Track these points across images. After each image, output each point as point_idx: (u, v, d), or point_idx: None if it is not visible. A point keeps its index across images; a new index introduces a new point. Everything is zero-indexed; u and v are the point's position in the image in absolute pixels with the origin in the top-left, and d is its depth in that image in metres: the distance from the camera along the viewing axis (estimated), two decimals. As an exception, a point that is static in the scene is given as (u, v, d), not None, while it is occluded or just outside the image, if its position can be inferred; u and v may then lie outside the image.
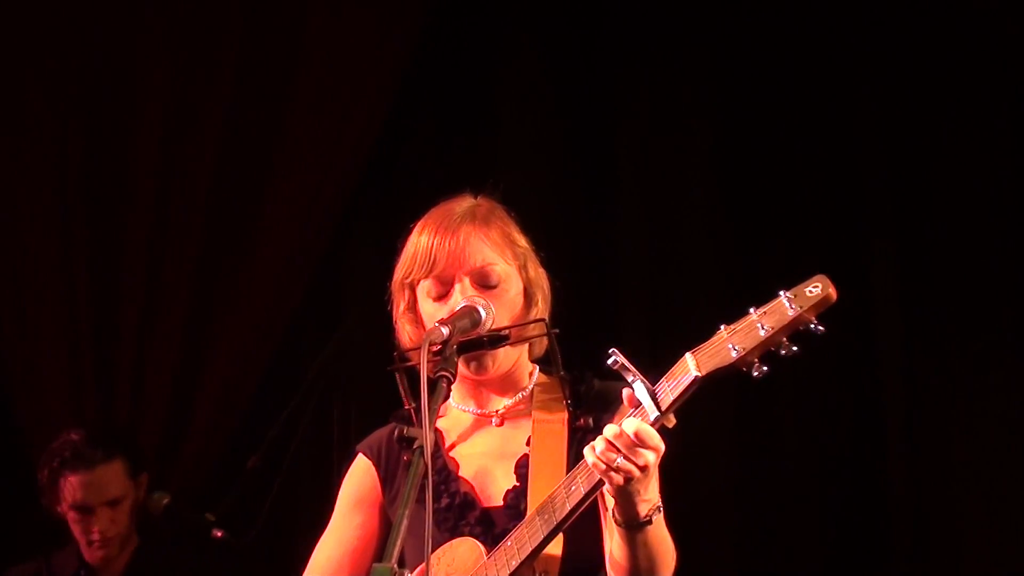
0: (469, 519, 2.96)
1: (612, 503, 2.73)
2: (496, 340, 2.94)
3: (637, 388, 2.63)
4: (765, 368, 2.56)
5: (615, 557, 2.77)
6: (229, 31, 5.31)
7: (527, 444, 2.98)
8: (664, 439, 2.64)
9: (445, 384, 2.78)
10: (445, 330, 2.83)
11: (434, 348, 2.81)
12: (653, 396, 2.62)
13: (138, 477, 4.94)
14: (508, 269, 3.00)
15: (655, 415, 2.62)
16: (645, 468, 2.62)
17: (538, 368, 3.09)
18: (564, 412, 2.99)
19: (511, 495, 2.95)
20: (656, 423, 2.62)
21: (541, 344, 3.06)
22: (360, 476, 3.11)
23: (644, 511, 2.68)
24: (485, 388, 3.05)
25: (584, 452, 2.68)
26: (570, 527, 2.77)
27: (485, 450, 3.03)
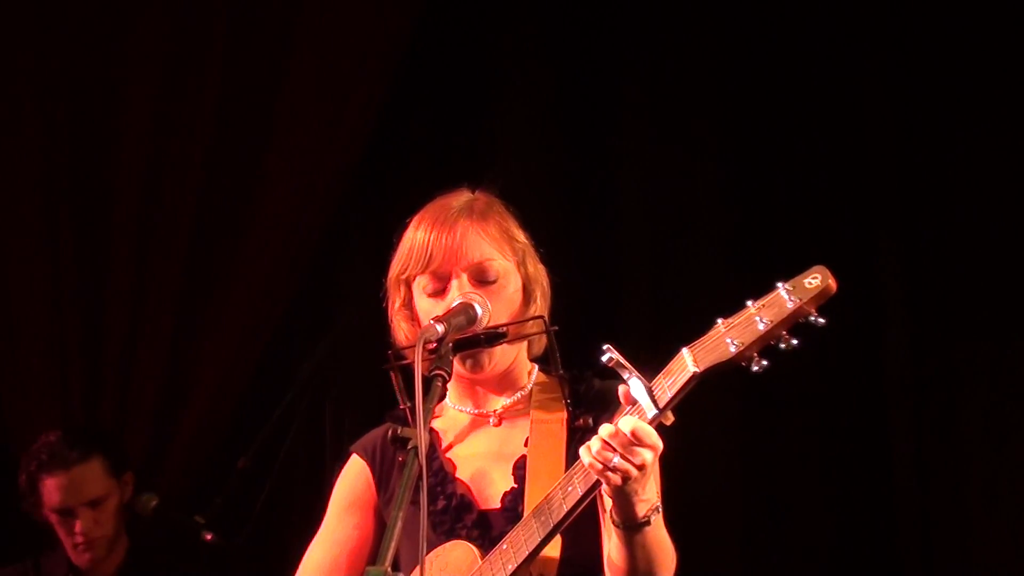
0: (466, 522, 2.96)
1: (610, 504, 2.73)
2: (493, 338, 2.94)
3: (633, 385, 2.64)
4: (765, 362, 2.56)
5: (613, 559, 2.78)
6: (218, 22, 5.31)
7: (525, 445, 2.99)
8: (663, 437, 2.64)
9: (440, 383, 2.77)
10: (440, 327, 2.82)
11: (430, 346, 2.80)
12: (650, 393, 2.62)
13: (121, 475, 4.91)
14: (506, 265, 3.01)
15: (653, 413, 2.62)
16: (642, 467, 2.62)
17: (537, 367, 3.10)
18: (563, 412, 2.99)
19: (509, 497, 2.95)
20: (654, 421, 2.62)
21: (540, 342, 3.07)
22: (354, 477, 3.12)
23: (642, 511, 2.69)
24: (482, 387, 3.06)
25: (580, 452, 2.68)
26: (567, 529, 2.78)
27: (482, 451, 3.04)
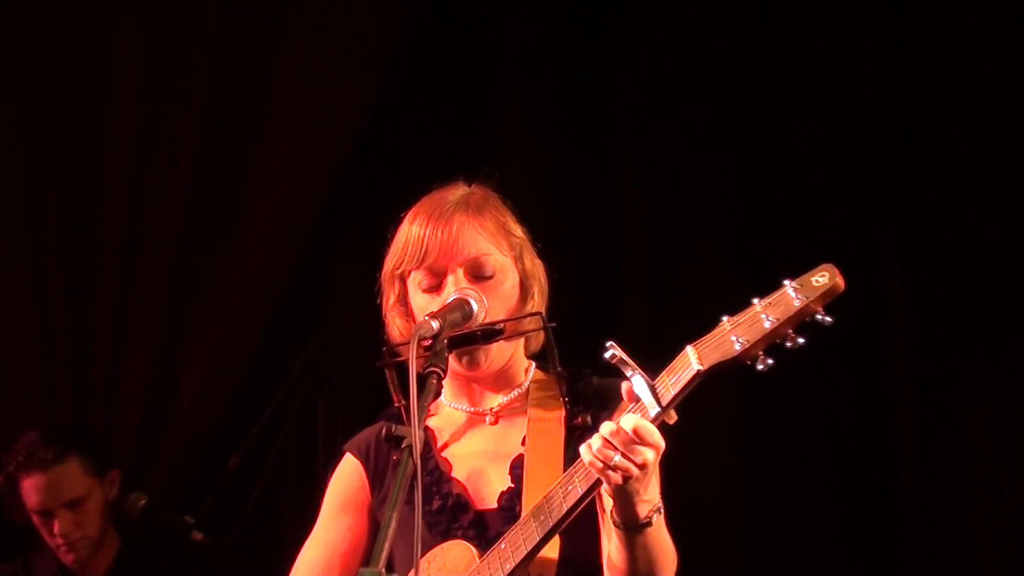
0: (462, 522, 2.96)
1: (610, 504, 2.73)
2: (490, 334, 2.94)
3: (636, 383, 2.64)
4: (770, 361, 2.56)
5: (613, 560, 2.78)
6: (208, 19, 5.31)
7: (522, 444, 2.99)
8: (665, 436, 2.65)
9: (435, 380, 2.77)
10: (435, 324, 2.83)
11: (425, 343, 2.81)
12: (653, 391, 2.62)
13: (104, 474, 4.90)
14: (503, 260, 3.01)
15: (655, 411, 2.62)
16: (644, 466, 2.62)
17: (534, 364, 3.10)
18: (561, 410, 2.99)
19: (505, 497, 2.96)
20: (656, 419, 2.63)
21: (537, 339, 3.07)
22: (348, 477, 3.12)
23: (643, 512, 2.69)
24: (478, 385, 3.06)
25: (580, 450, 2.68)
26: (567, 529, 2.78)
27: (479, 450, 3.04)
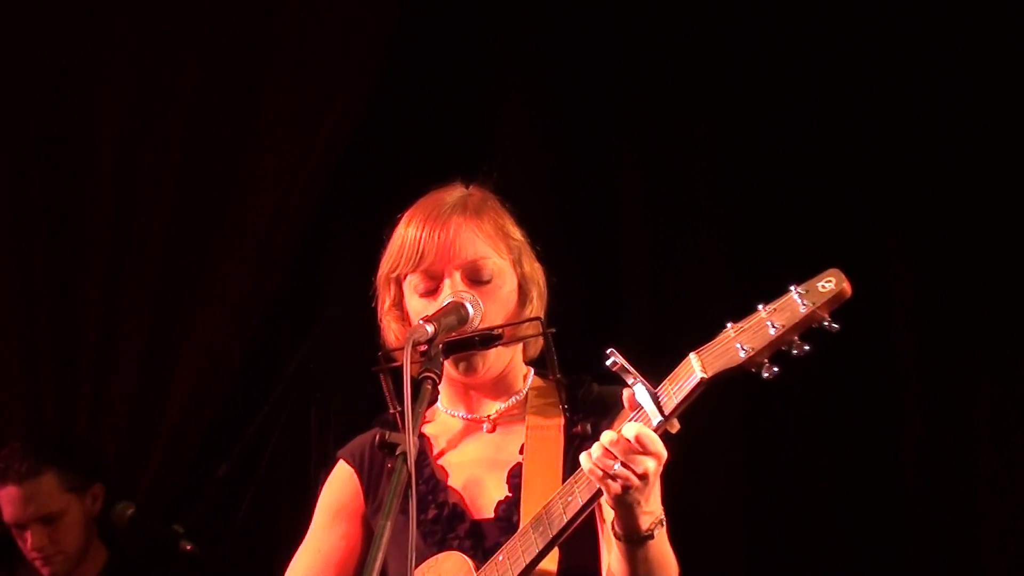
0: (458, 532, 2.96)
1: (611, 515, 2.73)
2: (488, 340, 2.94)
3: (638, 391, 2.64)
4: (776, 369, 2.56)
5: (613, 573, 2.78)
6: (199, 17, 5.31)
7: (520, 452, 2.99)
8: (666, 446, 2.64)
9: (430, 386, 2.77)
10: (430, 328, 2.82)
11: (421, 348, 2.80)
12: (655, 399, 2.62)
13: (84, 490, 4.89)
14: (501, 264, 3.01)
15: (658, 420, 2.62)
16: (644, 476, 2.62)
17: (533, 371, 3.10)
18: (560, 418, 2.99)
19: (503, 507, 2.96)
20: (659, 428, 2.63)
21: (536, 345, 3.06)
22: (341, 484, 3.12)
23: (646, 524, 2.69)
24: (475, 391, 3.06)
25: (580, 458, 2.68)
26: (566, 541, 2.77)
27: (476, 458, 3.04)
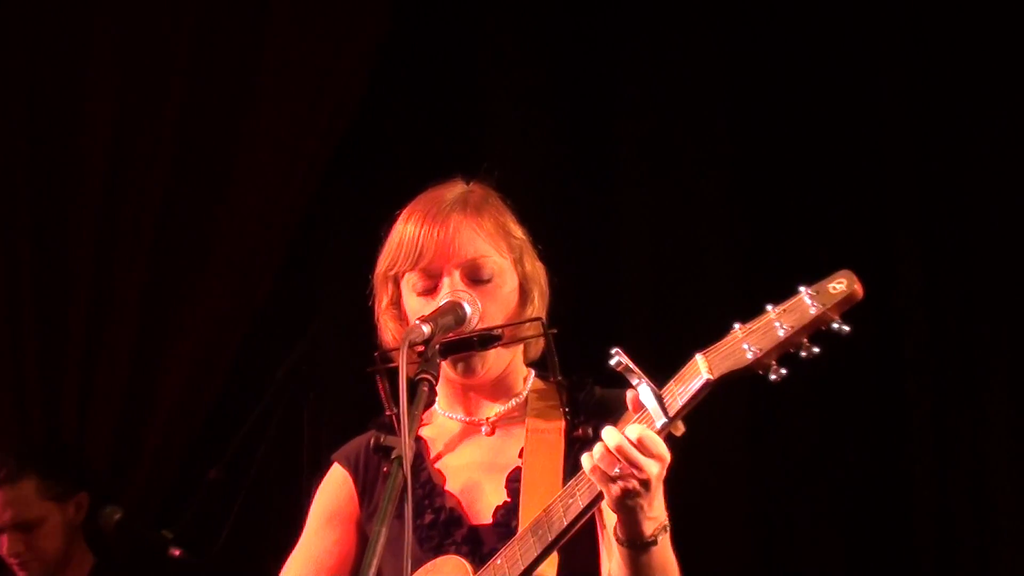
0: (455, 537, 2.96)
1: (612, 520, 2.73)
2: (487, 340, 2.94)
3: (642, 392, 2.63)
4: (783, 371, 2.56)
5: (614, 579, 2.78)
6: (189, 9, 5.31)
7: (520, 456, 2.99)
8: (671, 449, 2.64)
9: (426, 388, 2.77)
10: (426, 328, 2.82)
11: (418, 349, 2.80)
12: (660, 400, 2.62)
13: (66, 499, 4.90)
14: (502, 263, 3.01)
15: (662, 422, 2.62)
16: (648, 480, 2.62)
17: (533, 372, 3.10)
18: (561, 421, 2.99)
19: (501, 512, 2.95)
20: (663, 430, 2.63)
21: (537, 346, 3.07)
22: (335, 488, 3.12)
23: (649, 530, 2.69)
24: (474, 393, 3.06)
25: (581, 459, 2.68)
26: (565, 545, 2.77)
27: (474, 461, 3.04)
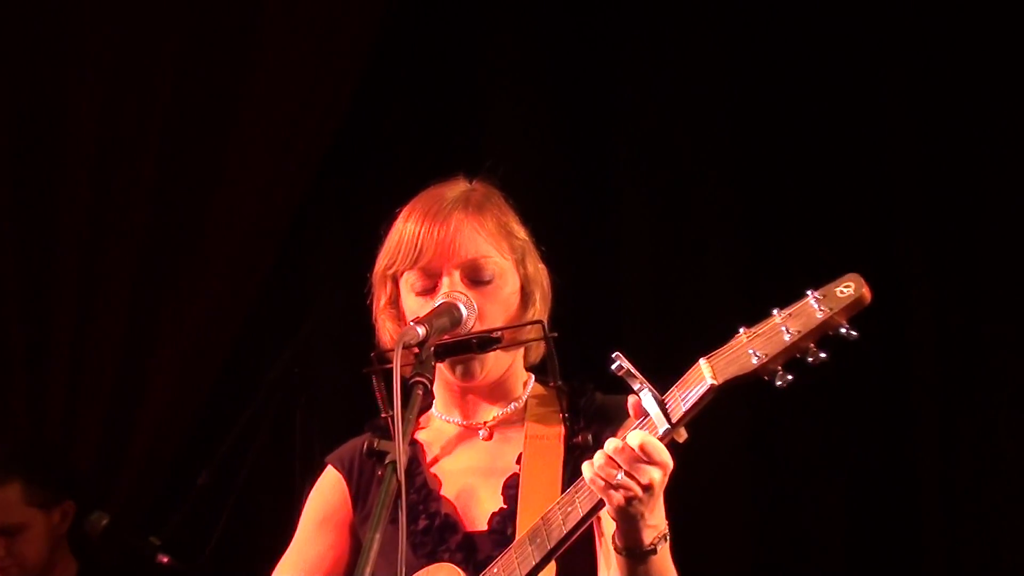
0: (449, 544, 2.96)
1: (611, 528, 2.73)
2: (486, 343, 2.93)
3: (645, 397, 2.63)
4: (790, 377, 2.56)
5: (612, 588, 2.78)
6: (180, 4, 5.31)
7: (517, 462, 2.98)
8: (673, 456, 2.64)
9: (421, 391, 2.77)
10: (421, 330, 2.82)
11: (415, 351, 2.80)
12: (663, 406, 2.62)
13: (51, 506, 4.89)
14: (503, 263, 3.01)
15: (664, 428, 2.62)
16: (649, 487, 2.61)
17: (533, 377, 3.10)
18: (560, 427, 2.98)
19: (497, 518, 2.95)
20: (665, 437, 2.63)
21: (538, 349, 3.07)
22: (328, 491, 3.11)
23: (648, 538, 2.68)
24: (472, 396, 3.06)
25: (582, 467, 2.68)
26: (563, 554, 2.77)
27: (470, 467, 3.03)
